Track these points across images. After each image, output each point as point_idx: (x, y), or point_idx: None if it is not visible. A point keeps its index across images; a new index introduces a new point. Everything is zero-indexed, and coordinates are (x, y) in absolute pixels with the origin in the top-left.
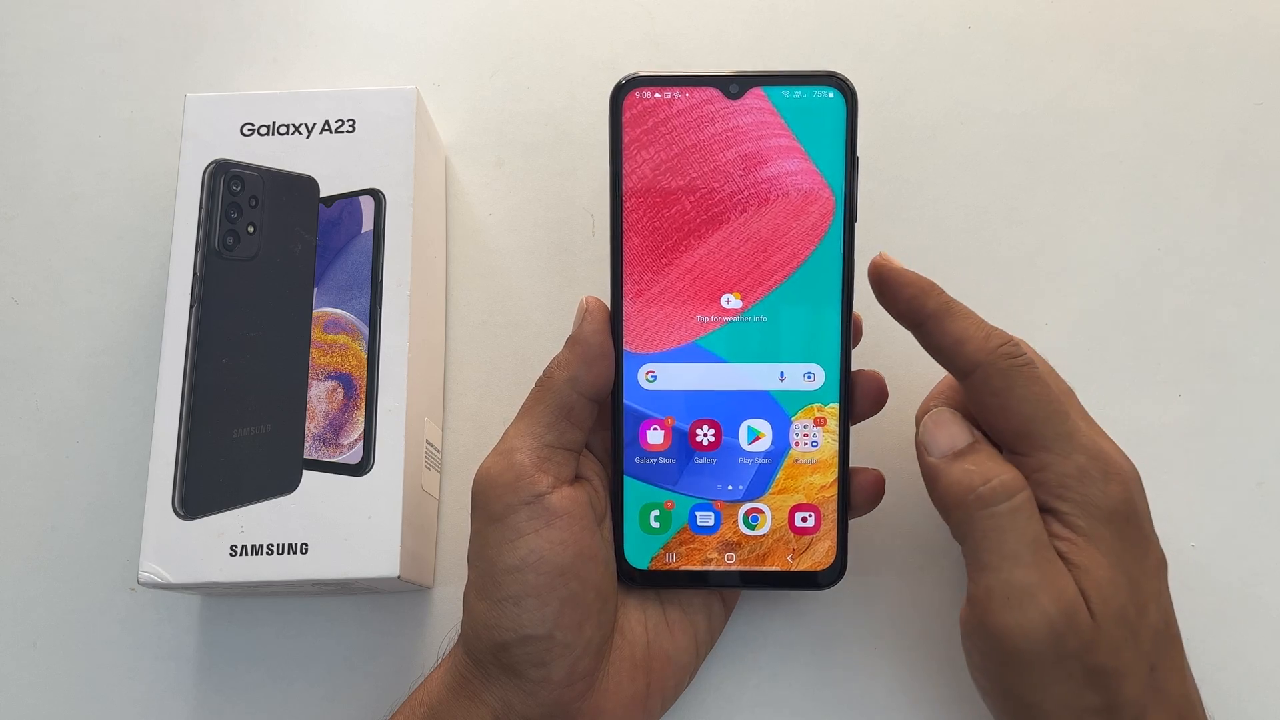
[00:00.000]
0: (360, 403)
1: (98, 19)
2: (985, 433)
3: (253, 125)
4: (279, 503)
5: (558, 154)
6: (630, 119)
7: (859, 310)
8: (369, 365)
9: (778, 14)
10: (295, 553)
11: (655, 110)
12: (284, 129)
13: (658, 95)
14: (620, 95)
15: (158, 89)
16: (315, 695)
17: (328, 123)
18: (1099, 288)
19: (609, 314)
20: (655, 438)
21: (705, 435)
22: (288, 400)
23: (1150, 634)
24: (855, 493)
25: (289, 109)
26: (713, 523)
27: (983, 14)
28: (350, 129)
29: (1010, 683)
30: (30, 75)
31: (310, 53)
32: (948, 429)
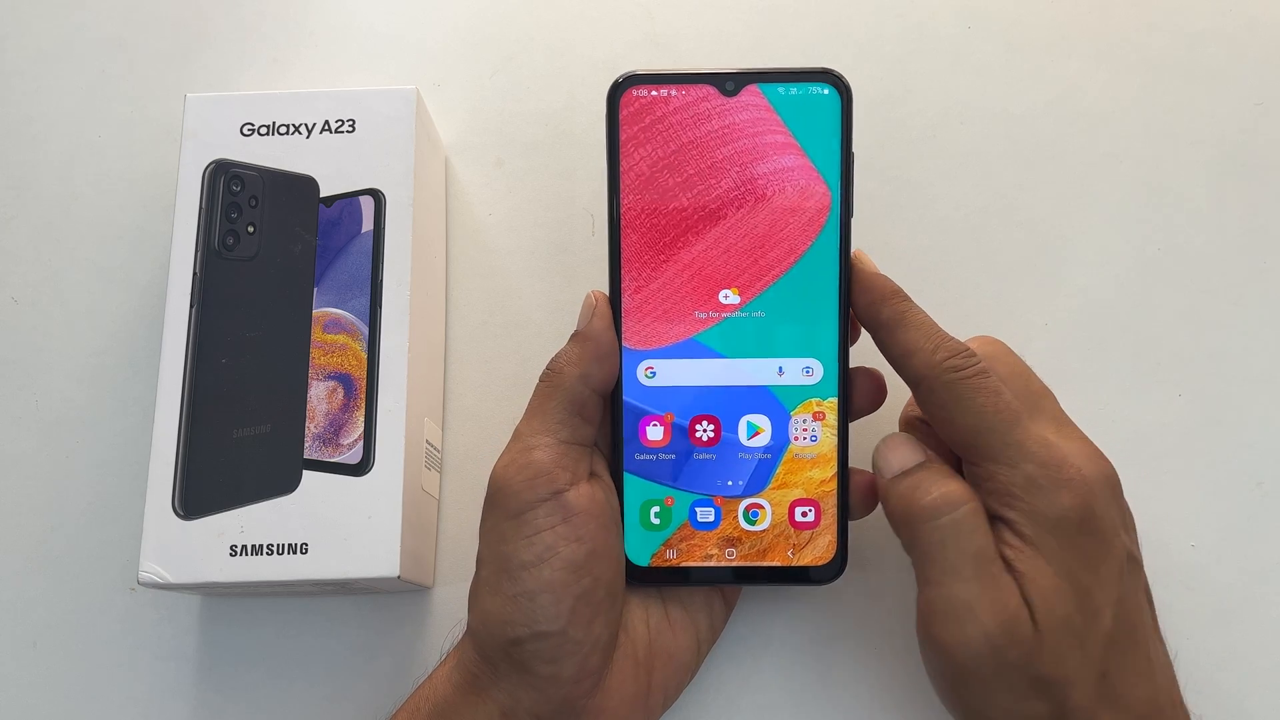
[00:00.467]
0: (360, 403)
1: (98, 19)
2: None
3: (253, 125)
4: (279, 503)
5: (558, 154)
6: (627, 117)
7: None
8: (369, 365)
9: (778, 14)
10: (295, 553)
11: (652, 108)
12: (284, 129)
13: (654, 93)
14: (617, 93)
15: (158, 89)
16: (315, 695)
17: (328, 123)
18: (1099, 288)
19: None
20: (655, 434)
21: (705, 431)
22: (288, 400)
23: (1101, 641)
24: (853, 493)
25: (289, 109)
26: (713, 518)
27: (983, 14)
28: (350, 129)
29: (958, 692)
30: (30, 75)
31: (310, 53)
32: (899, 451)
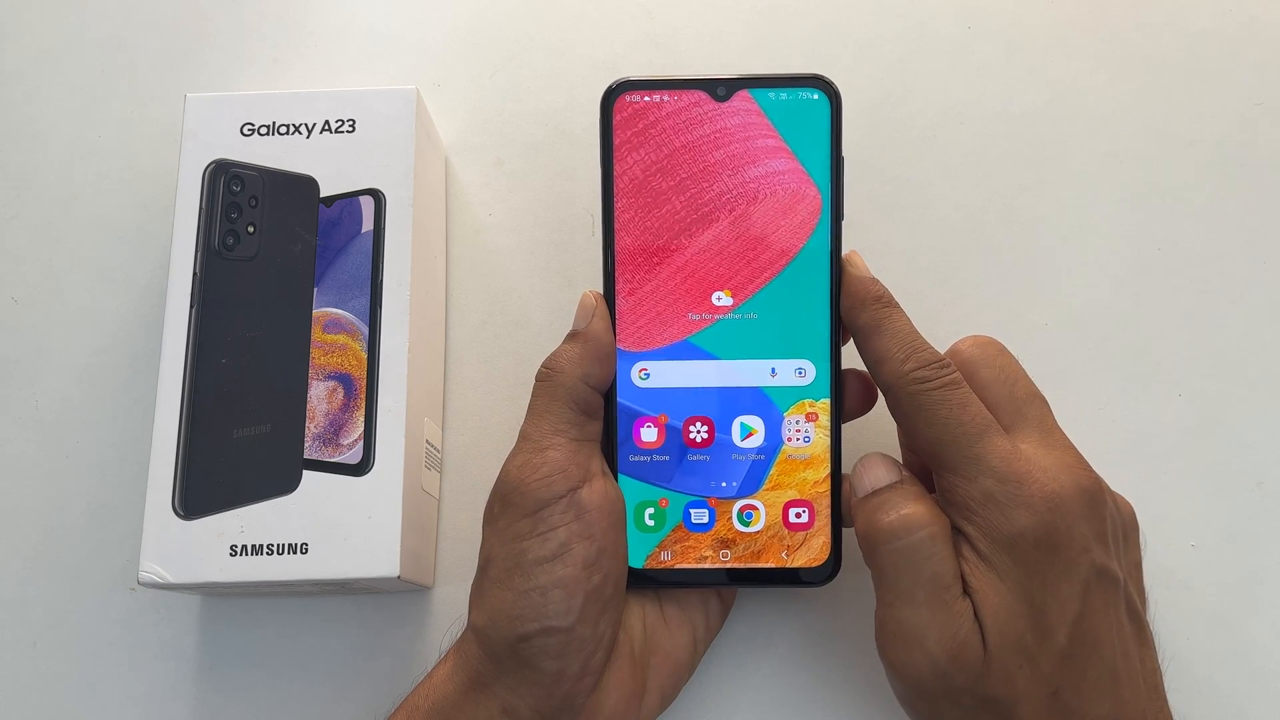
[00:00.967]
0: (360, 403)
1: (98, 19)
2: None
3: (253, 125)
4: (279, 503)
5: (558, 154)
6: (620, 122)
7: None
8: (369, 365)
9: (778, 14)
10: (295, 553)
11: (645, 113)
12: (284, 129)
13: (647, 99)
14: (610, 99)
15: (158, 89)
16: (315, 695)
17: (328, 123)
18: (1099, 288)
19: None
20: (649, 435)
21: (698, 432)
22: (288, 400)
23: (1053, 659)
24: (843, 503)
25: (289, 109)
26: (707, 520)
27: (983, 14)
28: (350, 129)
29: (911, 704)
30: (30, 75)
31: (310, 53)
32: (873, 470)
